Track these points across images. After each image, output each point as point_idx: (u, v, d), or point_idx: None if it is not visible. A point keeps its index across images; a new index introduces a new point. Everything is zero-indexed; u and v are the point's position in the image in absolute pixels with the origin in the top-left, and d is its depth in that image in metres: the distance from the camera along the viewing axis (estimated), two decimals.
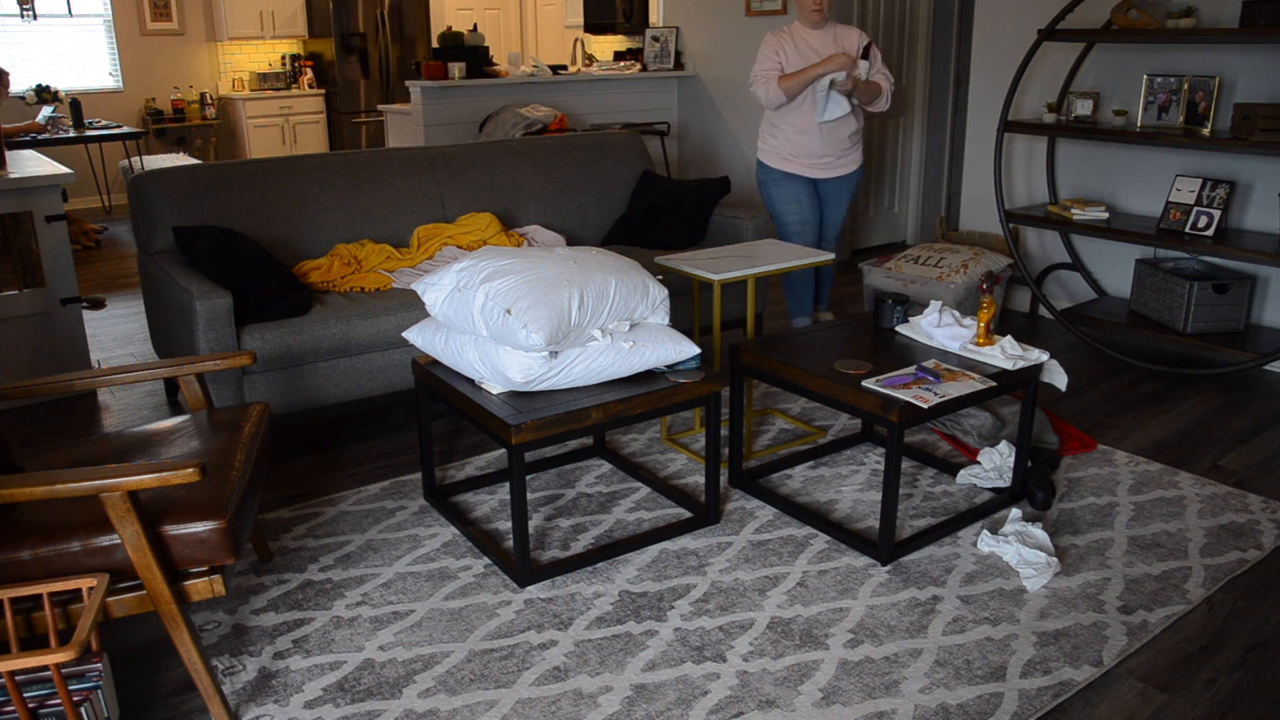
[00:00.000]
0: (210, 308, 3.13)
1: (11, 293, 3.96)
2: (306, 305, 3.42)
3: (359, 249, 3.87)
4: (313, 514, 3.05)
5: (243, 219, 3.73)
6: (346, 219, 3.94)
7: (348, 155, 4.09)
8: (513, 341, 2.54)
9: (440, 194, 4.17)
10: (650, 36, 7.00)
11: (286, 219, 3.83)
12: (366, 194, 4.01)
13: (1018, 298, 5.18)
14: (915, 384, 2.68)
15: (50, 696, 1.94)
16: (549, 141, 4.58)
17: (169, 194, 3.65)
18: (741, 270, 3.25)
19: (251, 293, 3.32)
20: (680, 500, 3.07)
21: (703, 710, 2.16)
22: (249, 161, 3.89)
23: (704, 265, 3.30)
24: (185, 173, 3.72)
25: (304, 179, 3.90)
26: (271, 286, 3.38)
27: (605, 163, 4.63)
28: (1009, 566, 2.69)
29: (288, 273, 3.54)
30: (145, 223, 3.65)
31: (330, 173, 3.97)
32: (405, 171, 4.12)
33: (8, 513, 2.08)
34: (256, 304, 3.32)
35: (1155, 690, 2.23)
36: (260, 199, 3.79)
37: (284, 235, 3.81)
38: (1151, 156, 4.54)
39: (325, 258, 3.80)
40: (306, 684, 2.26)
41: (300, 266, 3.74)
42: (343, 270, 3.75)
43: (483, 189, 4.27)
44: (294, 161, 3.94)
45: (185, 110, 8.99)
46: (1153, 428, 3.65)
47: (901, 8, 6.22)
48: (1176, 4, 4.25)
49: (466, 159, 4.30)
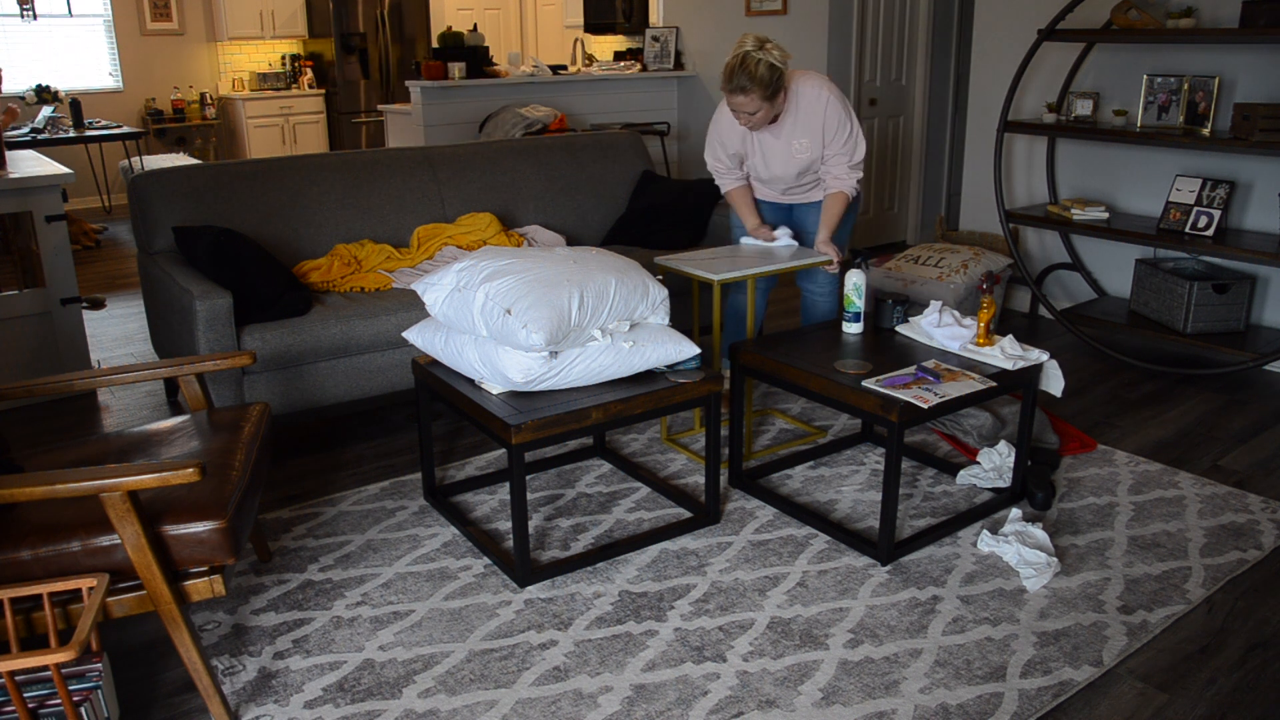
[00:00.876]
0: (210, 308, 3.13)
1: (11, 293, 3.96)
2: (306, 305, 3.42)
3: (359, 249, 3.87)
4: (313, 514, 3.05)
5: (243, 219, 3.73)
6: (346, 219, 3.94)
7: (347, 155, 4.09)
8: (513, 341, 2.54)
9: (440, 194, 4.17)
10: (650, 36, 7.00)
11: (286, 219, 3.83)
12: (366, 194, 4.01)
13: (1018, 298, 5.18)
14: (915, 384, 2.68)
15: (50, 696, 1.94)
16: (549, 141, 4.58)
17: (169, 194, 3.65)
18: (741, 270, 3.25)
19: (252, 293, 3.32)
20: (680, 500, 3.07)
21: (703, 710, 2.16)
22: (249, 161, 3.90)
23: (704, 265, 3.29)
24: (185, 173, 3.72)
25: (304, 179, 3.90)
26: (271, 286, 3.37)
27: (605, 163, 4.63)
28: (1009, 566, 2.69)
29: (288, 273, 3.54)
30: (145, 223, 3.65)
31: (330, 173, 3.97)
32: (405, 171, 4.12)
33: (8, 513, 2.08)
34: (257, 304, 3.32)
35: (1155, 690, 2.23)
36: (260, 199, 3.79)
37: (284, 235, 3.81)
38: (1151, 156, 4.54)
39: (325, 258, 3.80)
40: (306, 684, 2.26)
41: (300, 266, 3.73)
42: (343, 270, 3.75)
43: (483, 189, 4.27)
44: (294, 161, 3.95)
45: (185, 110, 8.99)
46: (1153, 428, 3.65)
47: (901, 8, 6.22)
48: (1176, 4, 4.25)
49: (466, 159, 4.30)
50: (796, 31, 6.06)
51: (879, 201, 6.55)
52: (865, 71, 6.16)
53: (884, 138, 6.41)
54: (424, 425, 3.04)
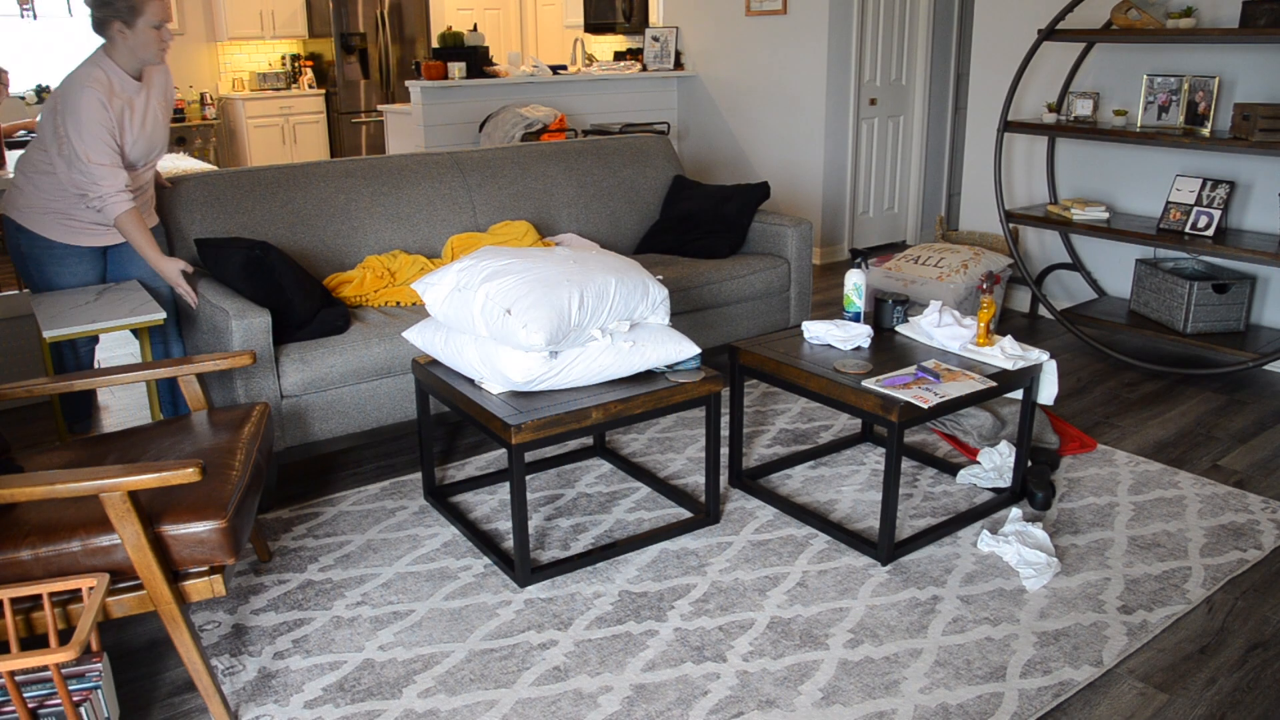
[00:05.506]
0: (247, 327, 2.93)
1: (11, 293, 3.96)
2: (345, 322, 3.22)
3: (391, 260, 3.67)
4: (313, 514, 3.05)
5: (267, 229, 3.54)
6: (376, 228, 3.76)
7: (375, 160, 3.91)
8: (513, 341, 2.54)
9: (472, 201, 4.00)
10: (650, 36, 7.00)
11: (312, 228, 3.63)
12: (395, 201, 3.83)
13: (1018, 298, 5.18)
14: (915, 384, 2.68)
15: (50, 696, 1.94)
16: (579, 145, 4.45)
17: (188, 204, 3.44)
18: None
19: (288, 310, 3.11)
20: (680, 500, 3.07)
21: (703, 710, 2.16)
22: (271, 168, 3.68)
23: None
24: (204, 180, 3.52)
25: (330, 186, 3.72)
26: (308, 303, 3.17)
27: (636, 167, 4.51)
28: (1009, 566, 2.69)
29: (321, 287, 3.36)
30: (167, 235, 3.45)
31: (356, 179, 3.78)
32: (434, 177, 3.95)
33: (8, 513, 2.08)
34: (293, 322, 3.12)
35: (1155, 690, 2.23)
36: (285, 208, 3.60)
37: (311, 246, 3.62)
38: (1151, 156, 4.54)
39: (356, 270, 3.60)
40: (306, 684, 2.26)
41: (331, 280, 3.54)
42: (376, 283, 3.55)
43: (514, 196, 4.12)
44: (318, 168, 3.76)
45: (185, 110, 8.98)
46: (1153, 428, 3.65)
47: (901, 8, 6.22)
48: (1176, 4, 4.25)
49: (496, 164, 4.14)
50: (796, 31, 6.06)
51: (879, 201, 6.55)
52: (865, 71, 6.16)
53: (884, 138, 6.41)
54: (424, 425, 3.04)
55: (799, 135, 6.22)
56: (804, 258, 4.24)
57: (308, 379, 3.06)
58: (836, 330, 3.01)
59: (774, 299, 4.20)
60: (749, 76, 6.47)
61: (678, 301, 3.88)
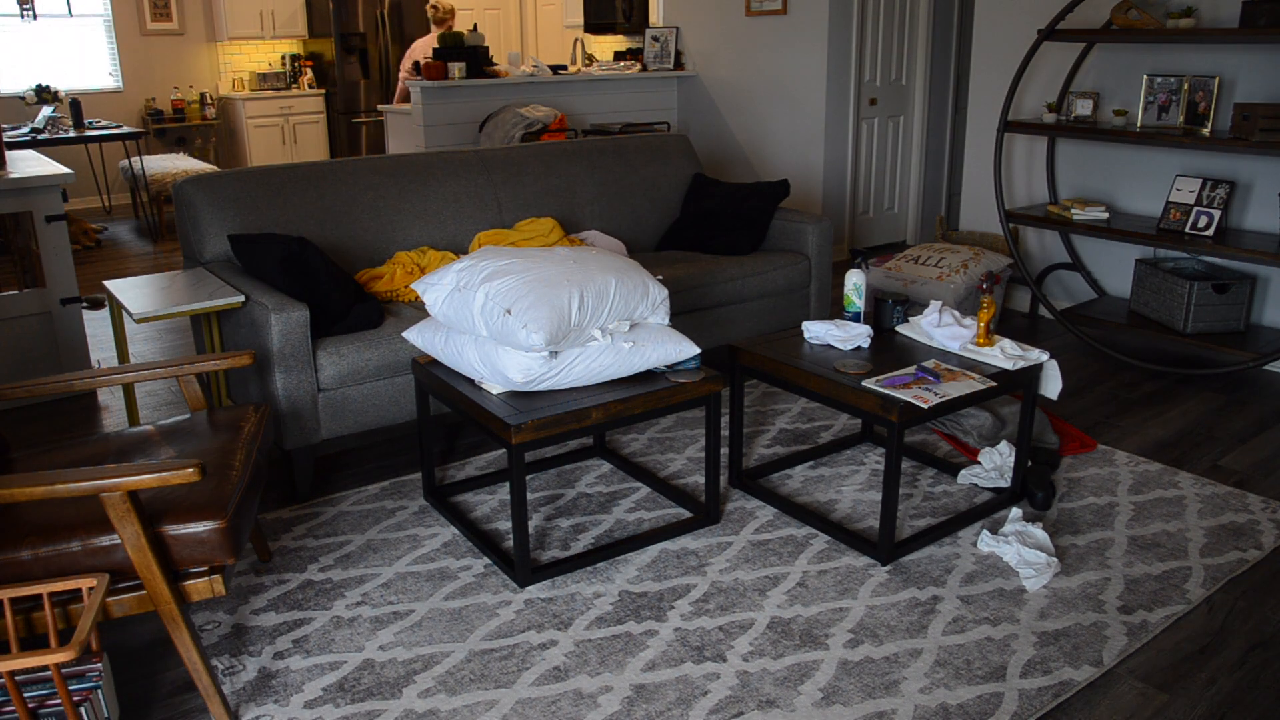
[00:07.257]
0: (286, 320, 2.96)
1: (11, 293, 3.96)
2: (379, 317, 3.27)
3: (420, 256, 3.69)
4: (313, 514, 3.05)
5: (298, 226, 3.58)
6: (403, 225, 3.80)
7: (401, 159, 3.95)
8: (513, 341, 2.54)
9: (497, 198, 4.04)
10: (650, 36, 7.00)
11: (341, 225, 3.67)
12: (422, 199, 3.86)
13: (1018, 298, 5.18)
14: (915, 384, 2.68)
15: (50, 696, 1.94)
16: (599, 144, 4.51)
17: (217, 201, 3.46)
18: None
19: (324, 304, 3.15)
20: (680, 500, 3.07)
21: (703, 710, 2.16)
22: (299, 165, 3.72)
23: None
24: (230, 178, 3.55)
25: (358, 184, 3.76)
26: (343, 298, 3.22)
27: (657, 165, 4.55)
28: (1009, 566, 2.69)
29: (355, 283, 3.41)
30: (195, 231, 3.47)
31: (383, 176, 3.82)
32: (460, 175, 3.99)
33: (8, 513, 2.08)
34: (328, 316, 3.16)
35: (1155, 690, 2.23)
36: (314, 204, 3.63)
37: (341, 242, 3.66)
38: (1151, 156, 4.54)
39: (386, 265, 3.65)
40: (306, 684, 2.26)
41: (361, 275, 3.60)
42: (406, 279, 3.57)
43: (538, 194, 4.16)
44: (345, 166, 3.80)
45: (185, 110, 8.99)
46: (1153, 428, 3.65)
47: (901, 8, 6.22)
48: (1176, 4, 4.25)
49: (521, 162, 4.19)
50: (796, 31, 6.06)
51: (879, 201, 6.55)
52: (865, 71, 6.17)
53: (884, 138, 6.41)
54: (424, 425, 3.04)
55: (799, 135, 6.22)
56: (824, 254, 4.26)
57: (344, 372, 3.10)
58: (836, 330, 3.01)
59: (795, 295, 4.23)
60: (749, 77, 6.47)
61: (699, 298, 3.92)
